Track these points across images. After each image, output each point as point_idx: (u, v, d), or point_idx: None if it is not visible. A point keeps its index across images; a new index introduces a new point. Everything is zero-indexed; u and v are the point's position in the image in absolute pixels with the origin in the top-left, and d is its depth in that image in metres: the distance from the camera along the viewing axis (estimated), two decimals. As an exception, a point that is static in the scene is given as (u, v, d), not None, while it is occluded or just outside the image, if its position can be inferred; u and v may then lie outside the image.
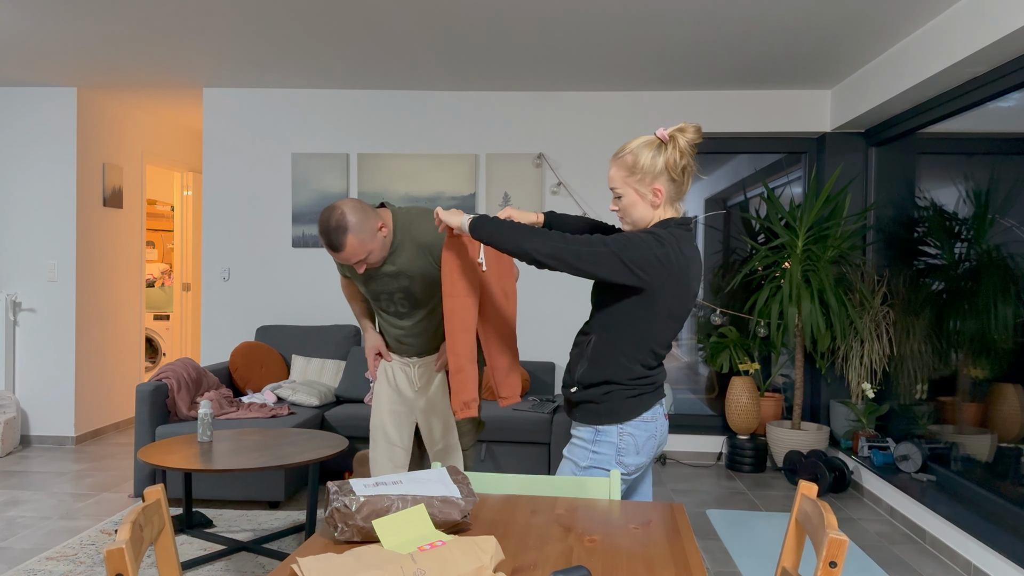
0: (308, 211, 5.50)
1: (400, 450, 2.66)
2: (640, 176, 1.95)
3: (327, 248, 2.35)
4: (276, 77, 5.19)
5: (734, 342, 5.21)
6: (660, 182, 1.94)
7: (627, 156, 1.97)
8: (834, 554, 1.36)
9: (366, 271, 2.52)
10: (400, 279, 2.48)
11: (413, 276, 2.47)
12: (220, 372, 4.86)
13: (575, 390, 2.01)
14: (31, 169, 5.54)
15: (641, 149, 1.95)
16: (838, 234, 4.85)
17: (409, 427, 2.67)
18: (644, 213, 1.99)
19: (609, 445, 1.97)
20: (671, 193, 1.97)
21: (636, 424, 1.98)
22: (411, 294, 2.51)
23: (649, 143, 1.95)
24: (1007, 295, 3.61)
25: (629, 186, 1.97)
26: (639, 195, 1.97)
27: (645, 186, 1.95)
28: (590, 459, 1.99)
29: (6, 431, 5.27)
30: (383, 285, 2.51)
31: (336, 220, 2.28)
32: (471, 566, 1.29)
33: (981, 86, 3.79)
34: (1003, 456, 3.64)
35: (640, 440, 1.98)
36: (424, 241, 2.45)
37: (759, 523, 4.05)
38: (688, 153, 1.94)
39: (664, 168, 1.94)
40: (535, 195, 5.39)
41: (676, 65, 4.72)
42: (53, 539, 3.66)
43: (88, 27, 4.16)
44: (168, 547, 1.53)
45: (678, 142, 1.93)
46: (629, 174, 1.96)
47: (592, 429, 1.99)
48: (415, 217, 2.46)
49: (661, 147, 1.94)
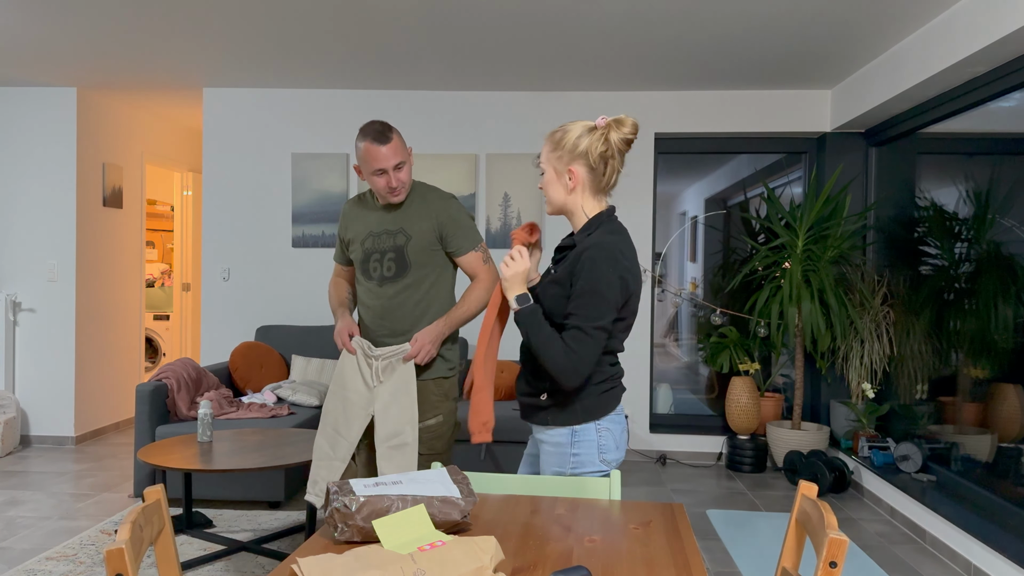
0: (308, 211, 5.50)
1: (344, 442, 2.57)
2: (560, 154, 1.94)
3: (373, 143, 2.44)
4: (276, 77, 5.20)
5: (734, 342, 5.21)
6: (576, 165, 1.93)
7: (557, 132, 1.96)
8: (834, 554, 1.36)
9: (364, 230, 2.58)
10: (398, 237, 2.54)
11: (411, 235, 2.53)
12: (220, 372, 4.86)
13: (545, 396, 1.96)
14: (31, 169, 5.54)
15: (574, 127, 1.94)
16: (838, 234, 4.85)
17: (360, 421, 2.57)
18: (558, 195, 1.98)
19: (589, 444, 1.94)
20: (588, 182, 1.95)
21: (611, 419, 1.97)
22: (403, 255, 2.53)
23: (584, 126, 1.94)
24: (1007, 295, 3.61)
25: (550, 163, 1.97)
26: (556, 173, 1.97)
27: (563, 165, 1.94)
28: (572, 462, 1.95)
29: (6, 431, 5.27)
30: (380, 243, 2.55)
31: (383, 122, 2.49)
32: (471, 566, 1.29)
33: (981, 86, 3.79)
34: (1003, 456, 3.64)
35: (616, 434, 1.97)
36: (434, 206, 2.56)
37: (759, 523, 4.05)
38: (614, 145, 1.92)
39: (585, 151, 1.92)
40: (535, 195, 5.39)
41: (676, 65, 4.72)
42: (53, 539, 3.66)
43: (88, 27, 4.16)
44: (168, 547, 1.53)
45: (608, 133, 1.92)
46: (553, 149, 1.96)
47: (568, 430, 1.95)
48: (433, 188, 2.62)
49: (592, 132, 1.93)
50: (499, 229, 5.41)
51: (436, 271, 2.58)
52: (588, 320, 1.84)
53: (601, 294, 1.84)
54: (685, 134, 5.43)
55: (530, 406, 2.01)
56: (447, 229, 2.55)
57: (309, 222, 5.50)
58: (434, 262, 2.57)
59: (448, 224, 2.55)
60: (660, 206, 5.69)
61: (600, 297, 1.84)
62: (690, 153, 5.60)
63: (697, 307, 5.69)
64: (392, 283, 2.55)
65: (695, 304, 5.69)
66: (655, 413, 5.64)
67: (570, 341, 1.84)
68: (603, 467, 1.96)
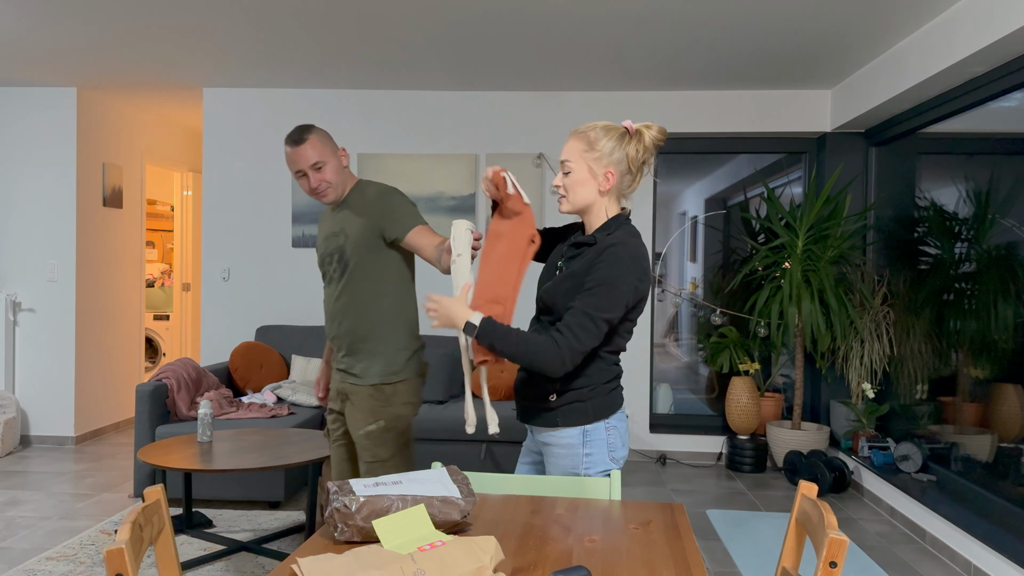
0: (308, 211, 5.50)
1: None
2: (598, 155, 1.91)
3: (288, 146, 2.44)
4: (276, 77, 5.19)
5: (734, 342, 5.21)
6: (615, 168, 1.92)
7: (591, 132, 1.92)
8: (834, 554, 1.36)
9: (322, 235, 2.57)
10: (340, 237, 2.50)
11: (349, 234, 2.48)
12: (220, 372, 4.86)
13: (554, 397, 1.95)
14: (31, 169, 5.54)
15: (606, 131, 1.92)
16: (838, 234, 4.85)
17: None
18: (588, 195, 1.95)
19: (600, 443, 1.94)
20: (621, 186, 1.94)
21: (619, 417, 1.98)
22: (343, 255, 2.49)
23: (615, 129, 1.92)
24: (1007, 295, 3.61)
25: (584, 161, 1.92)
26: (591, 173, 1.92)
27: (600, 166, 1.92)
28: (585, 462, 1.94)
29: (6, 431, 5.27)
30: (329, 246, 2.54)
31: (303, 125, 2.48)
32: (471, 566, 1.29)
33: (981, 86, 3.79)
34: (1003, 456, 3.64)
35: (622, 432, 1.98)
36: (371, 201, 2.47)
37: (759, 523, 4.05)
38: (650, 150, 1.92)
39: (624, 158, 1.91)
40: (535, 195, 5.39)
41: (676, 65, 4.72)
42: (53, 539, 3.66)
43: (88, 27, 4.16)
44: (168, 547, 1.53)
45: (643, 137, 1.91)
46: (588, 149, 1.92)
47: (579, 431, 1.94)
48: (376, 183, 2.55)
49: (624, 137, 1.92)
50: (499, 229, 5.40)
51: (380, 270, 2.48)
52: (598, 309, 1.83)
53: (618, 288, 1.84)
54: (685, 134, 5.43)
55: (534, 409, 1.99)
56: (384, 220, 2.44)
57: (309, 222, 5.50)
58: (379, 261, 2.47)
59: (385, 215, 2.44)
60: (660, 206, 5.69)
61: (616, 291, 1.83)
62: (690, 153, 5.60)
63: (697, 307, 5.69)
64: (337, 284, 2.51)
65: (695, 304, 5.69)
66: (655, 413, 5.64)
67: (573, 325, 1.82)
68: (612, 465, 1.97)
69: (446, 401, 4.86)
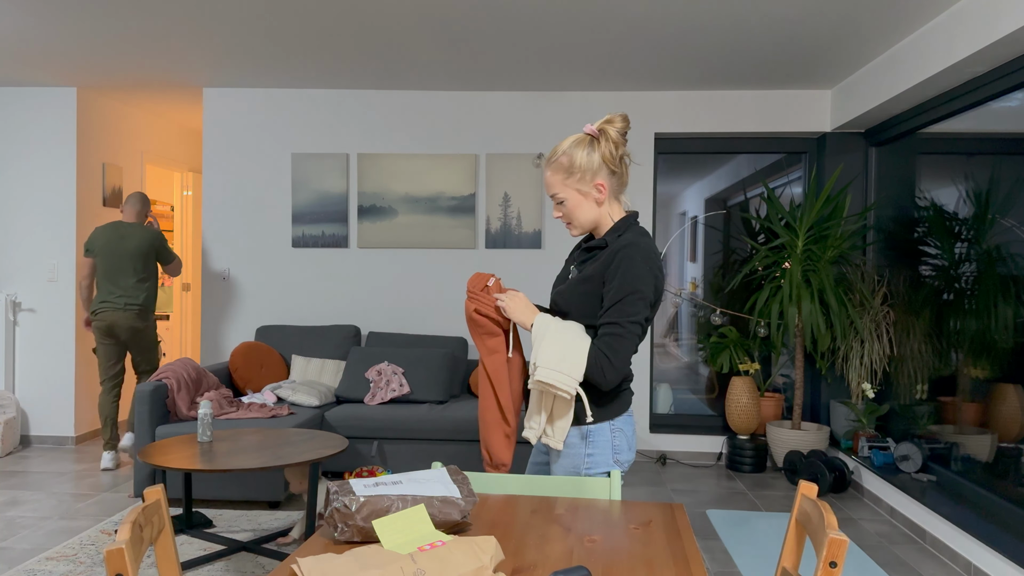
0: (308, 211, 5.50)
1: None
2: (580, 175, 1.93)
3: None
4: (276, 77, 5.19)
5: (734, 342, 5.21)
6: (601, 176, 1.93)
7: (562, 158, 1.94)
8: (834, 554, 1.36)
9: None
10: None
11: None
12: (220, 372, 4.86)
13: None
14: (31, 169, 5.54)
15: (574, 148, 1.93)
16: (838, 234, 4.85)
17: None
18: (590, 213, 1.97)
19: (604, 444, 1.94)
20: (613, 187, 1.96)
21: (625, 419, 1.98)
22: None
23: (580, 141, 1.93)
24: (1007, 295, 3.61)
25: (569, 188, 1.95)
26: (582, 195, 1.95)
27: (587, 184, 1.94)
28: (587, 463, 1.94)
29: (6, 431, 5.27)
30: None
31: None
32: (471, 566, 1.29)
33: (981, 86, 3.79)
34: (1003, 456, 3.64)
35: (628, 435, 1.98)
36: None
37: (759, 523, 4.05)
38: (622, 143, 1.93)
39: (602, 162, 1.93)
40: (535, 195, 5.39)
41: (676, 65, 4.72)
42: (53, 539, 3.66)
43: (88, 27, 4.16)
44: (168, 547, 1.53)
45: (609, 134, 1.92)
46: (567, 176, 1.94)
47: (580, 430, 1.94)
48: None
49: (593, 142, 1.93)
50: (499, 229, 5.41)
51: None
52: (625, 316, 1.85)
53: (639, 291, 1.86)
54: (685, 134, 5.43)
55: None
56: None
57: (309, 222, 5.50)
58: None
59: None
60: (660, 206, 5.69)
61: (638, 294, 1.86)
62: (690, 153, 5.60)
63: (697, 307, 5.69)
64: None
65: (695, 304, 5.69)
66: (655, 413, 5.64)
67: (609, 340, 1.85)
68: (616, 468, 1.96)
69: (446, 401, 4.86)
